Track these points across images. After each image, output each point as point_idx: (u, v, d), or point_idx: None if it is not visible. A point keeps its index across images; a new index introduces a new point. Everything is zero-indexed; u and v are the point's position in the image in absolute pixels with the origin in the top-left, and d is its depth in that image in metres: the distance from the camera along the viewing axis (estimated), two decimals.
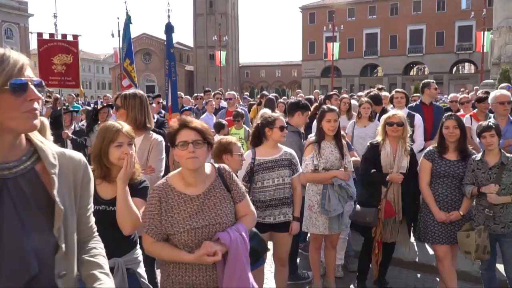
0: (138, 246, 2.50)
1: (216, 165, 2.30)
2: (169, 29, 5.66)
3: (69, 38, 9.33)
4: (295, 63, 66.60)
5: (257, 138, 3.68)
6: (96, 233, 1.55)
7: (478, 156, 3.61)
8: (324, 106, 4.14)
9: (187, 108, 6.37)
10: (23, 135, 1.28)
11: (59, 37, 6.57)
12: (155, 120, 4.60)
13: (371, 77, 56.21)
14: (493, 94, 4.87)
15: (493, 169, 3.48)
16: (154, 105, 6.38)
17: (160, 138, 3.28)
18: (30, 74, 1.23)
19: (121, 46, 5.46)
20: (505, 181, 3.43)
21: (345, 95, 6.78)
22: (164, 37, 6.09)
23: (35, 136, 1.32)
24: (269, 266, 4.34)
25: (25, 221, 1.20)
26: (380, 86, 9.34)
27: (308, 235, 4.85)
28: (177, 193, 2.13)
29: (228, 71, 64.94)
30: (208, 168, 2.25)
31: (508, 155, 3.53)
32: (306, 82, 56.29)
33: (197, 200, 2.14)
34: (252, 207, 2.36)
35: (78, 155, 1.42)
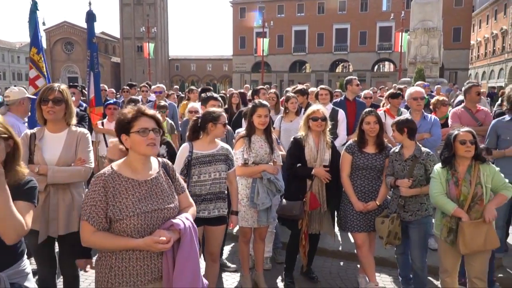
0: (26, 256, 2.15)
1: (160, 159, 2.36)
2: (90, 17, 5.34)
3: None
4: (226, 58, 66.55)
5: (195, 132, 3.66)
6: None
7: (397, 148, 3.87)
8: (256, 101, 4.18)
9: (111, 101, 6.06)
10: None
11: None
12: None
13: (300, 73, 57.85)
14: (408, 91, 5.22)
15: (407, 161, 3.74)
16: (73, 98, 5.99)
17: (85, 130, 3.30)
18: None
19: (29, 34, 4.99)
20: (416, 174, 3.70)
21: (271, 90, 6.90)
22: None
23: None
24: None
25: None
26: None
27: None
28: (124, 179, 2.14)
29: (157, 64, 63.24)
30: (152, 159, 2.32)
31: (423, 148, 3.81)
32: (237, 77, 56.48)
33: (145, 185, 2.17)
34: (192, 200, 2.45)
35: None
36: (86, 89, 5.48)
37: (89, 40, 5.26)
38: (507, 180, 3.32)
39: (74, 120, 3.22)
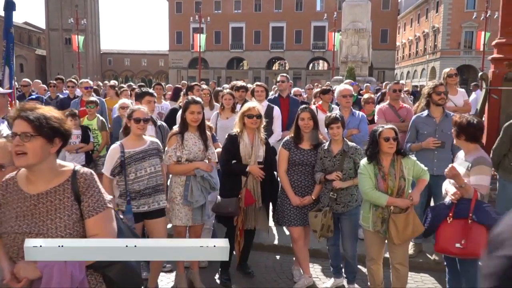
0: None
1: (78, 167, 1.95)
2: (9, 5, 4.95)
3: None
4: (162, 53, 64.98)
5: (126, 129, 3.76)
6: None
7: (325, 145, 4.01)
8: (189, 97, 4.15)
9: (33, 97, 5.68)
10: None
11: None
12: None
13: (237, 70, 58.04)
14: (338, 88, 5.43)
15: (337, 157, 3.90)
16: None
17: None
18: None
19: None
20: (346, 167, 3.87)
21: (204, 86, 6.76)
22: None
23: None
24: None
25: None
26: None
27: None
28: (15, 189, 1.88)
29: (87, 58, 60.21)
30: (65, 166, 1.93)
31: (349, 143, 3.99)
32: (173, 72, 55.40)
33: (30, 201, 1.84)
34: (110, 227, 1.94)
35: None
36: None
37: (5, 29, 4.87)
38: (423, 166, 3.62)
39: None
